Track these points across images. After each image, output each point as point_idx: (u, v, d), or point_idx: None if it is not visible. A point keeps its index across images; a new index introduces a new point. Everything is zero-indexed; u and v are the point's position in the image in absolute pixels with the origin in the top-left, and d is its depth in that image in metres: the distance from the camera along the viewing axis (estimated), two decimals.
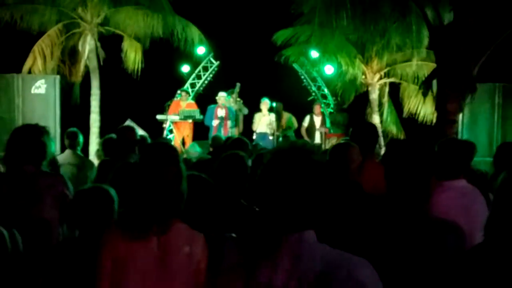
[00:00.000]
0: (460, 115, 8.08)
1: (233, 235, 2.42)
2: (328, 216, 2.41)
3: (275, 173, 1.39)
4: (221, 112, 10.64)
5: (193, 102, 11.97)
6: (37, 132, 3.17)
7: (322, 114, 11.66)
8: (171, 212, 2.14)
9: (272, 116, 10.96)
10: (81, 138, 6.04)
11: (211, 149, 7.37)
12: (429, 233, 1.96)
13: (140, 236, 2.06)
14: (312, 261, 1.35)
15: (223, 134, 10.17)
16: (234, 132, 10.83)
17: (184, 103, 11.10)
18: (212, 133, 10.11)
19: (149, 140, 5.49)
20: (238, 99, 11.29)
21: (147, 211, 2.10)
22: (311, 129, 11.23)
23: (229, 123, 10.66)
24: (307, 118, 11.31)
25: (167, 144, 2.40)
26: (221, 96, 10.75)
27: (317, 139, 11.12)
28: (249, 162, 3.34)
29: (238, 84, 11.11)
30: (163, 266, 2.08)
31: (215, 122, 10.50)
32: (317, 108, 11.38)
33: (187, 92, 11.78)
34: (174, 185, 2.15)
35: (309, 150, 1.43)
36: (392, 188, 2.12)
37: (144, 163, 2.21)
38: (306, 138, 11.10)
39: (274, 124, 10.84)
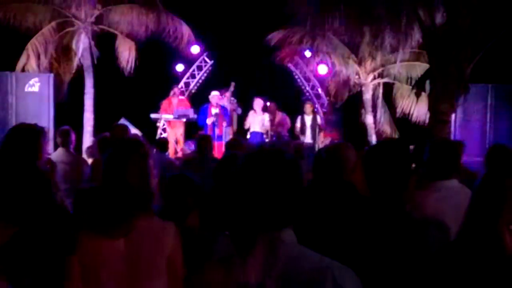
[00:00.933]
0: (453, 116, 8.13)
1: (227, 233, 2.44)
2: (317, 216, 2.44)
3: (247, 173, 1.40)
4: (215, 111, 10.62)
5: (184, 98, 11.94)
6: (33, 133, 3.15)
7: (314, 113, 11.63)
8: (137, 209, 2.08)
9: (266, 116, 10.96)
10: (73, 136, 6.03)
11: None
12: (412, 231, 1.96)
13: (107, 237, 2.02)
14: (289, 262, 1.36)
15: (217, 133, 10.18)
16: (229, 132, 10.82)
17: (175, 100, 11.08)
18: (207, 132, 10.06)
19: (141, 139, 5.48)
20: (232, 98, 11.29)
21: (109, 211, 2.06)
22: (302, 128, 11.24)
23: (223, 121, 10.63)
24: (299, 118, 11.32)
25: (134, 141, 2.31)
26: (214, 94, 10.73)
27: (309, 139, 11.10)
28: None
29: (232, 83, 11.10)
30: (133, 265, 2.05)
31: (209, 120, 10.46)
32: (307, 108, 11.35)
33: (178, 88, 11.72)
34: (138, 182, 2.10)
35: (280, 150, 1.44)
36: (373, 189, 2.13)
37: (106, 161, 2.17)
38: (300, 137, 11.12)
39: (268, 124, 10.85)
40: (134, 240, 2.06)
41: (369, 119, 12.58)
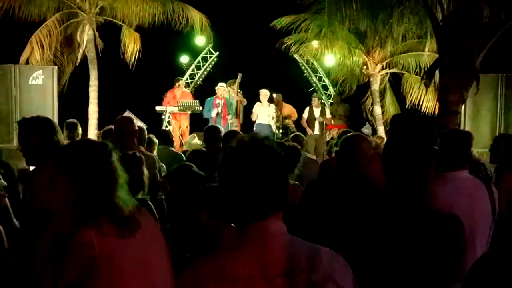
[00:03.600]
0: (463, 106, 7.99)
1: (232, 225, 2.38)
2: (333, 209, 2.35)
3: (236, 163, 1.41)
4: (220, 103, 10.54)
5: (187, 90, 11.86)
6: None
7: (322, 105, 11.57)
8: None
9: (272, 107, 10.89)
10: (80, 129, 5.98)
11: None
12: (429, 225, 1.91)
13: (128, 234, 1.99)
14: (278, 252, 1.36)
15: (222, 125, 10.09)
16: (234, 123, 10.75)
17: (179, 92, 10.99)
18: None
19: (145, 132, 5.40)
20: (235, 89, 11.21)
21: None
22: (310, 120, 11.19)
23: (227, 114, 10.56)
24: (307, 110, 11.33)
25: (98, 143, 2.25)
26: (220, 86, 10.64)
27: (317, 130, 11.06)
28: None
29: (240, 74, 11.02)
30: (147, 254, 2.05)
31: (214, 112, 10.40)
32: (315, 101, 11.32)
33: (182, 80, 11.62)
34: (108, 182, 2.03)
35: (269, 141, 1.44)
36: (390, 181, 2.06)
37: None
38: (306, 129, 11.07)
39: (274, 115, 10.76)
40: (141, 238, 2.03)
41: (377, 110, 12.44)
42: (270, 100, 11.02)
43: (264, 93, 10.96)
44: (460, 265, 1.86)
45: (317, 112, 11.22)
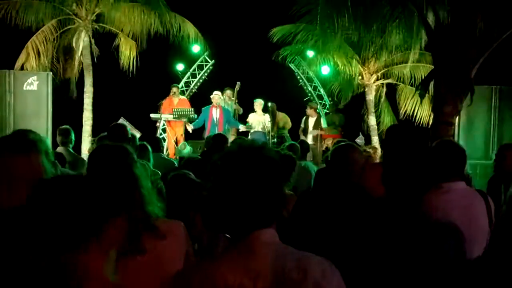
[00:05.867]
0: (457, 118, 8.01)
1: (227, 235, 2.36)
2: (326, 218, 2.34)
3: (226, 174, 1.39)
4: (215, 114, 10.48)
5: (184, 98, 11.86)
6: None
7: (318, 114, 11.58)
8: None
9: (267, 116, 10.91)
10: (73, 136, 5.93)
11: (204, 149, 7.27)
12: (428, 236, 1.89)
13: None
14: (269, 260, 1.35)
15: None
16: (231, 131, 10.75)
17: (176, 99, 10.98)
18: (206, 133, 9.96)
19: (137, 140, 5.37)
20: (233, 98, 11.23)
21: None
22: (305, 130, 11.22)
23: (224, 124, 10.54)
24: (303, 120, 11.34)
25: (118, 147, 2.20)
26: (215, 95, 10.63)
27: (310, 141, 11.05)
28: None
29: (238, 83, 11.04)
30: (156, 269, 1.97)
31: (190, 128, 10.46)
32: (309, 111, 11.33)
33: (178, 88, 11.63)
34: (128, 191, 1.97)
35: (258, 148, 1.42)
36: (390, 190, 2.05)
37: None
38: (302, 138, 11.07)
39: (269, 124, 10.78)
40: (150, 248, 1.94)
41: (372, 120, 12.47)
42: (265, 110, 11.05)
43: (259, 103, 11.00)
44: None
45: (312, 121, 11.24)
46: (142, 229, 1.93)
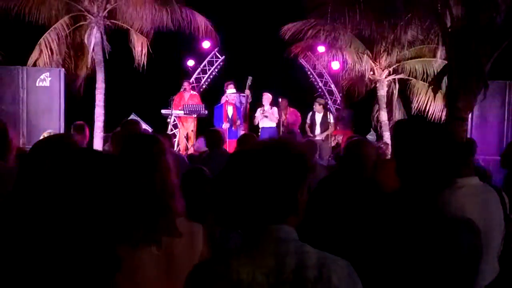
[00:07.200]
0: (470, 113, 7.94)
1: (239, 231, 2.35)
2: (341, 214, 2.33)
3: (257, 166, 1.39)
4: (230, 112, 10.53)
5: (195, 93, 11.89)
6: None
7: (325, 110, 11.49)
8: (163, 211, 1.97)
9: (275, 111, 10.88)
10: (87, 131, 5.99)
11: None
12: (444, 231, 1.88)
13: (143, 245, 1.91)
14: (283, 257, 1.34)
15: (233, 129, 10.19)
16: (242, 128, 10.78)
17: (187, 94, 11.01)
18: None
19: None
20: (243, 93, 11.23)
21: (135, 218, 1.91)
22: (311, 126, 11.16)
23: (238, 122, 10.59)
24: (309, 115, 11.31)
25: (148, 136, 2.18)
26: (231, 92, 10.69)
27: (318, 136, 11.00)
28: None
29: (250, 78, 11.03)
30: (169, 266, 1.97)
31: (225, 125, 10.40)
32: (316, 106, 11.26)
33: (189, 83, 11.65)
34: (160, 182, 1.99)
35: (285, 145, 1.43)
36: (404, 184, 2.03)
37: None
38: (309, 133, 11.03)
39: (277, 115, 10.78)
40: (166, 244, 1.96)
41: (383, 116, 12.38)
42: (274, 104, 11.02)
43: (267, 96, 10.98)
44: (476, 273, 1.82)
45: (319, 116, 11.18)
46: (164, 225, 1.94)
